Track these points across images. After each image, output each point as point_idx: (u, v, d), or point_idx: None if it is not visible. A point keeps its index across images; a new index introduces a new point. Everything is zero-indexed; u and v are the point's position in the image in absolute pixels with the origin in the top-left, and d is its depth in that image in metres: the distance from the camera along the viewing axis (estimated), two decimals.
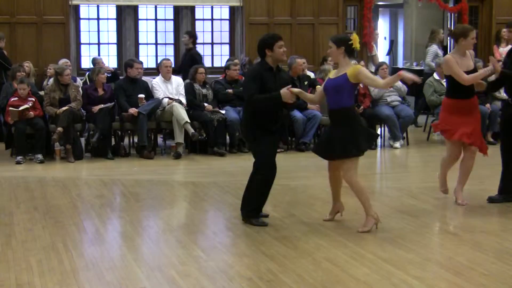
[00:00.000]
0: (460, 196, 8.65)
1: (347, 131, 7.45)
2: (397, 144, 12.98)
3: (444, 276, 6.11)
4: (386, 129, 13.37)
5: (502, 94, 13.13)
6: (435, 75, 13.80)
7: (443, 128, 8.65)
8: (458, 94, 8.40)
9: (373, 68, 14.51)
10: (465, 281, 5.97)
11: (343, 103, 7.43)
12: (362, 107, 12.81)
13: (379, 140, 13.36)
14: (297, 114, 12.52)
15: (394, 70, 17.44)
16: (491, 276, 6.12)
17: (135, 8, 16.75)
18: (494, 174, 9.07)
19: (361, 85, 12.99)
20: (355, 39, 7.46)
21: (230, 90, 12.78)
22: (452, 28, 8.61)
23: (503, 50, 15.00)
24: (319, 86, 13.03)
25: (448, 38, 17.27)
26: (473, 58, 8.55)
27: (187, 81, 12.92)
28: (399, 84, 13.41)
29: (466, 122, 8.39)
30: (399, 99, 13.37)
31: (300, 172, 10.89)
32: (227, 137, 12.59)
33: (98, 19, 16.78)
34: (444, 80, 13.54)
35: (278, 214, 8.14)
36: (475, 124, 8.49)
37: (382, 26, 24.04)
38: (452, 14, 19.23)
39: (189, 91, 12.60)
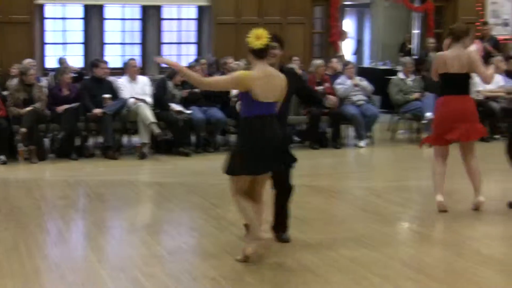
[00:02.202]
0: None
1: (236, 145, 6.71)
2: (363, 143, 13.04)
3: (408, 274, 6.14)
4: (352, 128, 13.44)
5: None
6: (400, 74, 13.87)
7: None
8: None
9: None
10: (428, 278, 6.00)
11: (241, 113, 6.45)
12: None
13: (345, 139, 13.43)
14: None
15: (361, 70, 17.51)
16: (454, 274, 6.18)
17: (101, 8, 16.66)
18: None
19: (326, 84, 13.05)
20: (252, 36, 6.30)
21: (197, 90, 12.74)
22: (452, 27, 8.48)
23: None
24: None
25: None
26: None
27: (162, 76, 12.88)
28: (364, 83, 13.48)
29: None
30: (365, 98, 13.42)
31: None
32: (193, 137, 12.55)
33: (64, 18, 16.67)
34: (412, 79, 13.71)
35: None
36: None
37: (349, 26, 24.11)
38: (418, 14, 19.36)
39: (160, 86, 12.55)
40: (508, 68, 14.43)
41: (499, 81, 13.91)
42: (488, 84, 9.09)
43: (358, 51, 23.09)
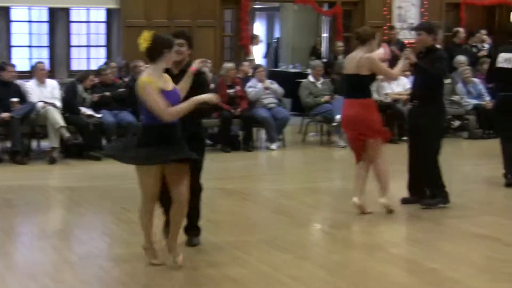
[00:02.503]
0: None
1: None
2: (274, 146, 13.13)
3: (319, 275, 6.22)
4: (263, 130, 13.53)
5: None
6: (310, 77, 14.03)
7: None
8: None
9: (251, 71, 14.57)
10: (339, 279, 6.10)
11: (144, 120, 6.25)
12: (239, 109, 12.90)
13: (257, 142, 13.50)
14: None
15: (271, 73, 17.64)
16: (364, 274, 6.29)
17: (7, 10, 16.32)
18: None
19: (237, 87, 13.10)
20: (141, 39, 6.13)
21: (107, 93, 12.61)
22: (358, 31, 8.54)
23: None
24: None
25: None
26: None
27: (72, 79, 12.70)
28: (275, 86, 13.58)
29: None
30: (276, 101, 13.53)
31: None
32: (103, 141, 12.41)
33: None
34: (321, 82, 13.88)
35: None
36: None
37: (259, 29, 24.27)
38: (327, 18, 19.62)
39: (70, 90, 12.37)
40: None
41: (406, 83, 14.22)
42: (395, 80, 9.18)
43: (269, 54, 23.29)
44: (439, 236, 7.50)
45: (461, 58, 14.83)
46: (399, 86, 13.91)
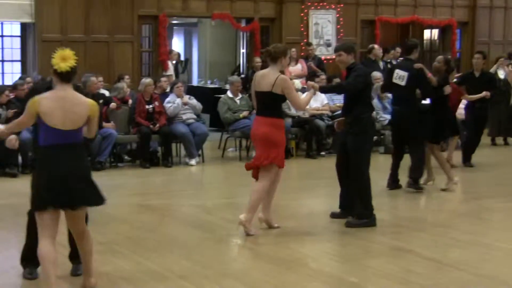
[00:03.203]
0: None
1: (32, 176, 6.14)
2: (193, 162, 13.11)
3: None
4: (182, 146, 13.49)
5: (292, 111, 13.64)
6: (229, 93, 14.06)
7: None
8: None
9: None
10: None
11: (38, 140, 5.99)
12: (157, 125, 12.83)
13: (176, 157, 13.45)
14: None
15: (190, 89, 17.63)
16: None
17: None
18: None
19: (156, 103, 13.03)
20: (57, 57, 5.83)
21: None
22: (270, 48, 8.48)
23: (292, 69, 15.51)
24: (113, 104, 12.94)
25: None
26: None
27: None
28: (194, 101, 13.57)
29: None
30: (194, 116, 13.51)
31: None
32: (19, 157, 12.17)
33: None
34: (240, 97, 13.93)
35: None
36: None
37: (177, 44, 24.25)
38: (245, 33, 19.74)
39: None
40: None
41: (323, 99, 14.41)
42: (301, 110, 9.17)
43: (187, 70, 23.27)
44: (359, 250, 7.60)
45: (377, 74, 15.10)
46: (317, 101, 14.08)
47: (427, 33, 21.74)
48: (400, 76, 10.43)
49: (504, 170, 12.67)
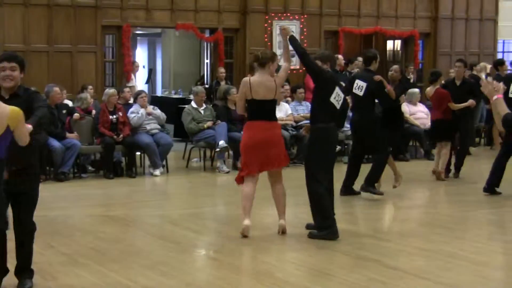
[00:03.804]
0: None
1: None
2: (157, 172, 13.05)
3: None
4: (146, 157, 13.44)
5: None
6: (193, 103, 14.03)
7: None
8: None
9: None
10: None
11: None
12: (121, 135, 12.76)
13: (140, 168, 13.40)
14: (55, 143, 12.20)
15: (154, 99, 17.60)
16: None
17: None
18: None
19: (119, 113, 12.97)
20: None
21: None
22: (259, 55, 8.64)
23: None
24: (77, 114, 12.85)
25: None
26: None
27: None
28: (158, 112, 13.53)
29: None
30: (158, 127, 13.47)
31: (59, 203, 10.61)
32: None
33: None
34: (204, 107, 13.92)
35: (37, 246, 7.87)
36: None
37: (141, 54, 24.22)
38: (209, 44, 19.75)
39: None
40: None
41: (288, 109, 14.46)
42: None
43: (151, 80, 23.24)
44: (324, 260, 7.60)
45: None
46: (281, 111, 14.10)
47: (390, 44, 21.94)
48: (359, 86, 10.64)
49: (467, 180, 12.73)
